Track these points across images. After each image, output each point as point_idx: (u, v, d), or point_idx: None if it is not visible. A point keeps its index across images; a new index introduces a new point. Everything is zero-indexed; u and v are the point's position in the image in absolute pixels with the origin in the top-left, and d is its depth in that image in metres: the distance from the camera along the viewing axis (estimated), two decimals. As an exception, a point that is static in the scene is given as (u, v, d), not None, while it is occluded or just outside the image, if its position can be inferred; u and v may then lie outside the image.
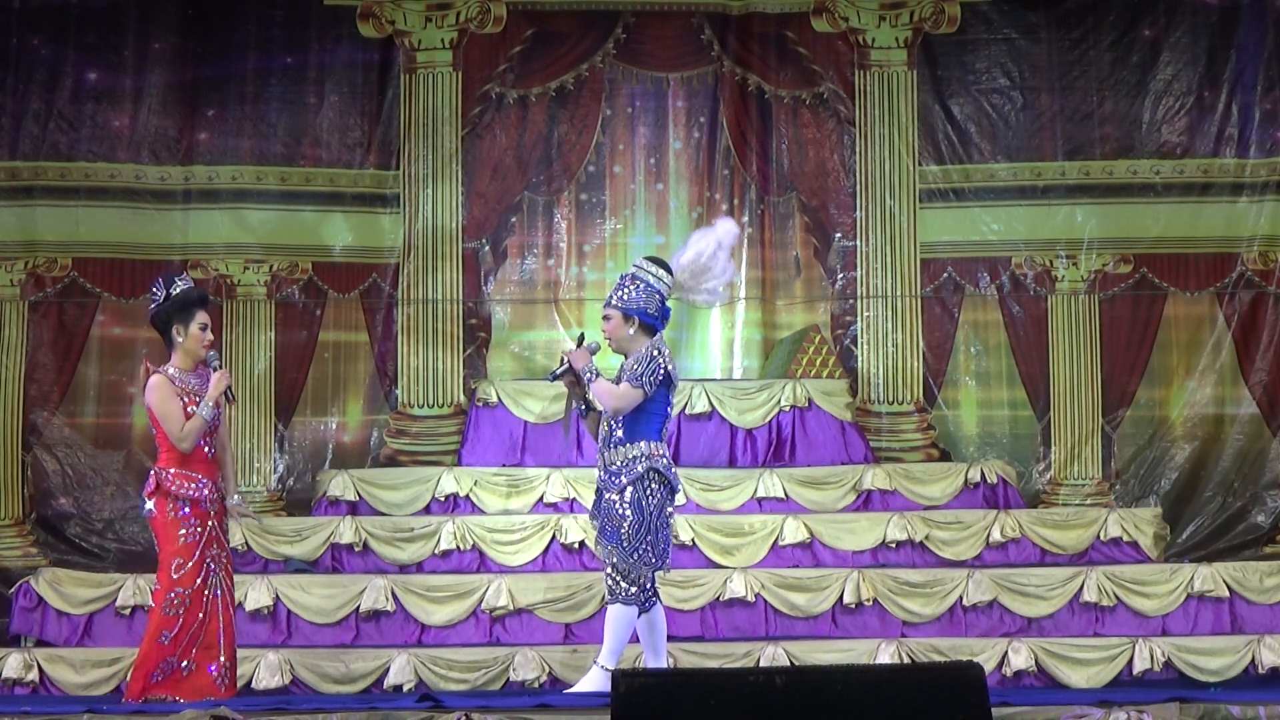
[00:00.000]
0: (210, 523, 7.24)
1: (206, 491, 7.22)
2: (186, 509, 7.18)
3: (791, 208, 11.18)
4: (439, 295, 10.79)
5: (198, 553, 7.18)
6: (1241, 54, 10.86)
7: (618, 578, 7.10)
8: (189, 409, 7.18)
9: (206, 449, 7.26)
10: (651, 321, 7.24)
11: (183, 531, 7.16)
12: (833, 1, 11.01)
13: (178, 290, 7.32)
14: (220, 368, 7.33)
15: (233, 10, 10.77)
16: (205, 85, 10.74)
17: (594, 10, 11.11)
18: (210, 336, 7.36)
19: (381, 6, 10.87)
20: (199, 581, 7.17)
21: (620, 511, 7.09)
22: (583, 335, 7.46)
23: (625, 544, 7.08)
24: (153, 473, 7.24)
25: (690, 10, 11.14)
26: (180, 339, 7.30)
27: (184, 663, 7.14)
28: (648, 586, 7.16)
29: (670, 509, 7.24)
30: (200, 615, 7.16)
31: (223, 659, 7.23)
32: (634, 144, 11.22)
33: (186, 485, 7.18)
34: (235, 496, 7.43)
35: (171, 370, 7.27)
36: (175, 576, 7.13)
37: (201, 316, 7.32)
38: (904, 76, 10.99)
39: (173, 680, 7.13)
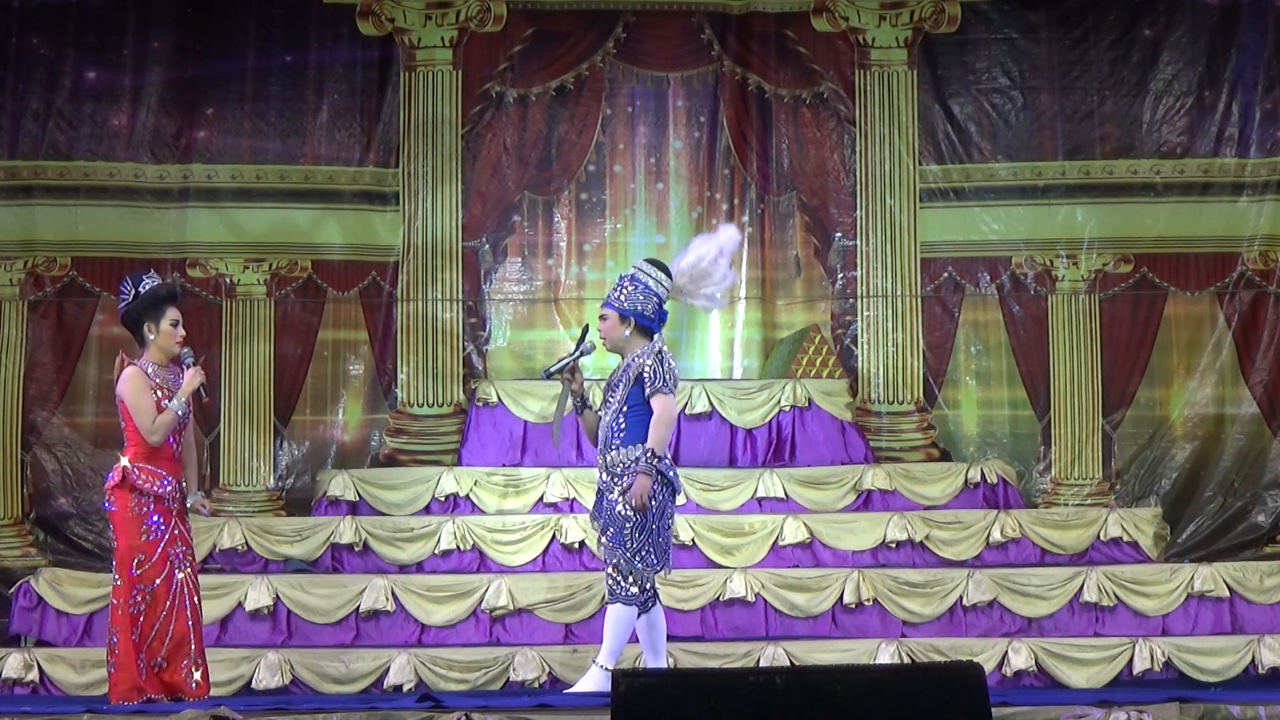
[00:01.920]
0: (174, 520, 7.23)
1: (170, 489, 7.22)
2: (150, 505, 7.17)
3: (792, 207, 11.17)
4: (439, 294, 10.78)
5: (159, 549, 7.16)
6: (1242, 53, 10.85)
7: (618, 578, 7.10)
8: (161, 404, 7.18)
9: (174, 446, 7.26)
10: (648, 323, 7.26)
11: (145, 528, 7.16)
12: (833, 1, 11.01)
13: (146, 288, 7.30)
14: (194, 364, 7.30)
15: (232, 9, 10.76)
16: (204, 84, 10.73)
17: (594, 10, 11.10)
18: (182, 333, 7.32)
19: (381, 5, 10.86)
20: (161, 580, 7.16)
21: (623, 513, 7.09)
22: (586, 328, 7.47)
23: (627, 545, 7.08)
24: (118, 466, 7.21)
25: (690, 10, 11.13)
26: (152, 336, 7.28)
27: (154, 661, 7.15)
28: (648, 587, 7.16)
29: (672, 510, 7.25)
30: (163, 613, 7.15)
31: (195, 657, 7.23)
32: (634, 143, 11.21)
33: (152, 481, 7.17)
34: (198, 494, 7.41)
35: (146, 365, 7.27)
36: (137, 573, 7.12)
37: (172, 313, 7.29)
38: (904, 76, 10.98)
39: (146, 680, 7.12)
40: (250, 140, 10.76)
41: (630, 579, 7.08)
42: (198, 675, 7.23)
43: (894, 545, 9.25)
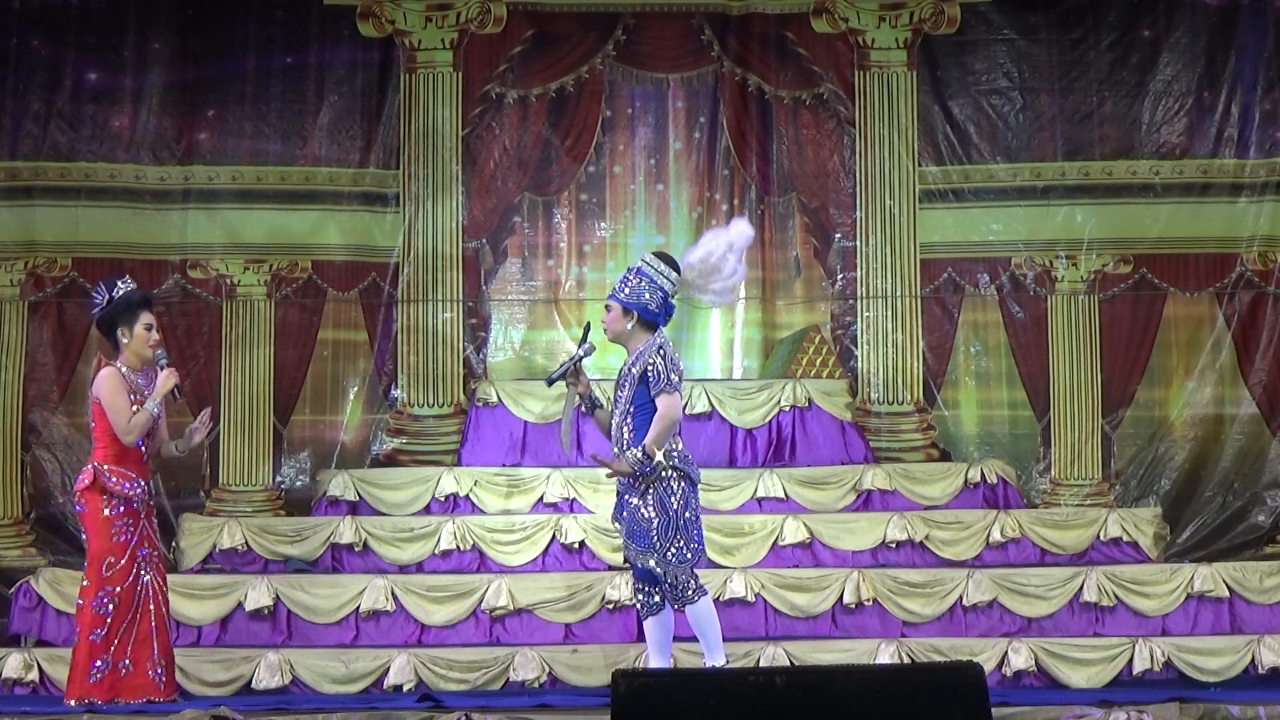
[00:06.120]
0: (142, 522, 7.33)
1: (139, 491, 7.32)
2: (120, 507, 7.25)
3: (791, 208, 11.18)
4: (439, 295, 10.78)
5: (129, 551, 7.26)
6: (1241, 54, 10.86)
7: (669, 584, 7.03)
8: (134, 407, 7.26)
9: (142, 449, 7.35)
10: (651, 317, 7.22)
11: (115, 529, 7.24)
12: (833, 2, 11.01)
13: (120, 293, 7.37)
14: (168, 366, 7.35)
15: (233, 10, 10.76)
16: (205, 85, 10.74)
17: (594, 11, 11.10)
18: (156, 336, 7.43)
19: (381, 6, 10.87)
20: (129, 581, 7.24)
21: (645, 514, 7.06)
22: (587, 327, 7.46)
23: (657, 546, 7.03)
24: (89, 468, 7.32)
25: (690, 11, 11.14)
26: (126, 340, 7.39)
27: (120, 663, 7.22)
28: (694, 582, 7.11)
29: (695, 502, 7.20)
30: (130, 614, 7.25)
31: (158, 658, 7.28)
32: (634, 145, 11.22)
33: (122, 483, 7.25)
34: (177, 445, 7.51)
35: (120, 367, 7.33)
36: (106, 574, 7.23)
37: (146, 317, 7.39)
38: (904, 77, 10.98)
39: (110, 681, 7.21)
40: (251, 142, 10.76)
41: (680, 578, 7.04)
42: (164, 676, 7.28)
43: (894, 545, 9.25)
